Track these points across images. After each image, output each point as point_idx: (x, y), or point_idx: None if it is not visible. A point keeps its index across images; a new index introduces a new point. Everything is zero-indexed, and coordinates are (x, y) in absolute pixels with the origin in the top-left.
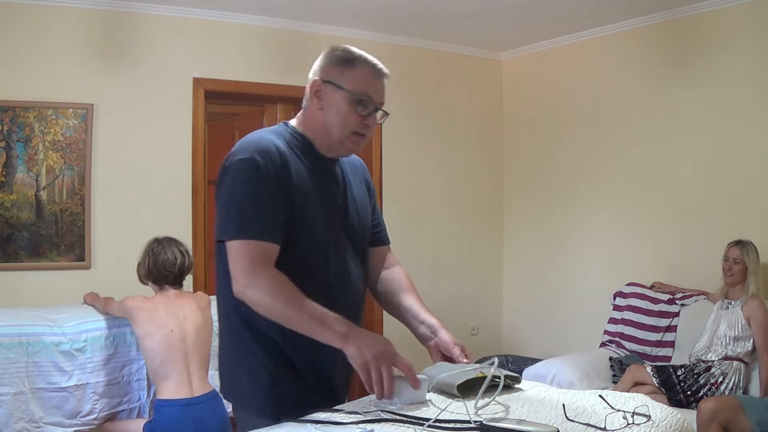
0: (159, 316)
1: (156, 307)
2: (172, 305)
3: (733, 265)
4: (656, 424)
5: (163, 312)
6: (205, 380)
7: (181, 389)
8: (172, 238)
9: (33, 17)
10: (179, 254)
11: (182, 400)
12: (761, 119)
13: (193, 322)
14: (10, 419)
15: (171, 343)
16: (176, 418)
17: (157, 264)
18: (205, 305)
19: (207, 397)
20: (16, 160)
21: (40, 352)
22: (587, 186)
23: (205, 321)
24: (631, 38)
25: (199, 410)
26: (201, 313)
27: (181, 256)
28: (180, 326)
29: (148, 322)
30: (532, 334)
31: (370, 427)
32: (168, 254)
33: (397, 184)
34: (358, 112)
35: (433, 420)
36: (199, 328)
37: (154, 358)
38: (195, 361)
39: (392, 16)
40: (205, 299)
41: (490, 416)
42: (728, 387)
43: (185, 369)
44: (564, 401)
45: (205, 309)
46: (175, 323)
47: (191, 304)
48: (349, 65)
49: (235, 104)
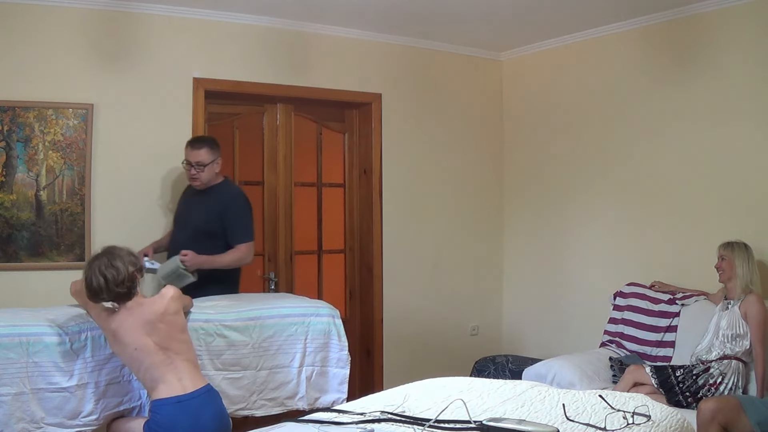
0: (119, 338)
1: (113, 329)
2: (125, 324)
3: (721, 262)
4: (656, 424)
5: (122, 333)
6: (195, 376)
7: (174, 388)
8: (106, 252)
9: (33, 17)
10: (101, 278)
11: (175, 397)
12: (761, 119)
13: (152, 331)
14: (11, 420)
15: (139, 357)
16: (173, 415)
17: (89, 289)
18: (161, 310)
19: (201, 391)
20: (16, 160)
21: (40, 352)
22: (587, 186)
23: (162, 310)
24: (631, 38)
25: (194, 404)
26: (153, 305)
27: (103, 280)
28: (141, 340)
29: (113, 343)
30: (532, 334)
31: (370, 427)
32: (92, 279)
33: (397, 184)
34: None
35: (434, 420)
36: (162, 334)
37: (133, 370)
38: (176, 361)
39: (392, 16)
40: (162, 302)
41: (490, 416)
42: (727, 387)
43: (170, 370)
44: (564, 401)
45: (159, 299)
46: (135, 340)
47: (142, 316)
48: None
49: (235, 104)
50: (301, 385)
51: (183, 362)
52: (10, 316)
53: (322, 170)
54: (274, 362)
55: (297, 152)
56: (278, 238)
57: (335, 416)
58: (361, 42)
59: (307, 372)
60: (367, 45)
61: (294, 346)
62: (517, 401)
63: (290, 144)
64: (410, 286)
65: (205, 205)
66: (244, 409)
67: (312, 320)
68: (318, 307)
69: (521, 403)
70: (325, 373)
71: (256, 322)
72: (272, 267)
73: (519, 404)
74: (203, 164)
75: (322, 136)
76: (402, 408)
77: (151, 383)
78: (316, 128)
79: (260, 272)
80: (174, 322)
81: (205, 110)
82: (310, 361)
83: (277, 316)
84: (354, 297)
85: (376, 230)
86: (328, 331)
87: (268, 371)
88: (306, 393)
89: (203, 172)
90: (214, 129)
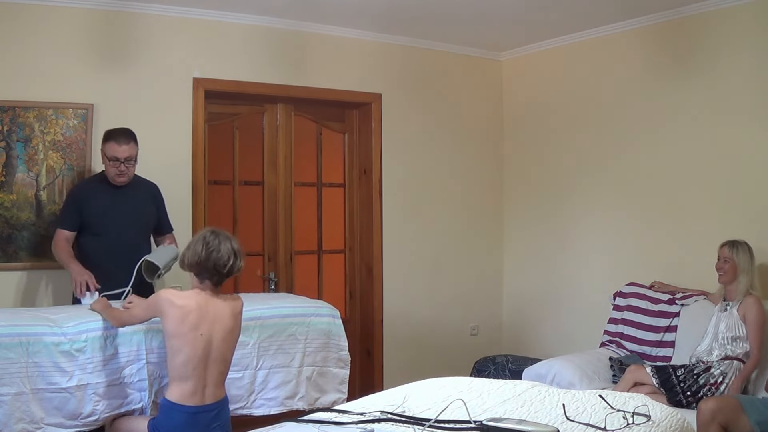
0: (192, 317)
1: (190, 306)
2: (207, 307)
3: (723, 264)
4: (656, 424)
5: (197, 313)
6: (220, 387)
7: (195, 396)
8: (227, 234)
9: (33, 17)
10: (233, 256)
11: (192, 408)
12: (761, 119)
13: (222, 327)
14: (11, 420)
15: (198, 346)
16: (181, 424)
17: (209, 260)
18: (238, 311)
19: (217, 405)
20: (16, 160)
21: (40, 353)
22: (587, 186)
23: (235, 327)
24: (631, 38)
25: (206, 418)
26: (233, 319)
27: (234, 258)
28: (210, 330)
29: (180, 322)
30: (532, 334)
31: (370, 427)
32: (222, 252)
33: (397, 184)
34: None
35: (434, 420)
36: (226, 334)
37: (176, 356)
38: (216, 366)
39: (392, 16)
40: (239, 305)
41: (490, 416)
42: (728, 387)
43: (204, 374)
44: (564, 401)
45: (238, 315)
46: (206, 326)
47: (225, 308)
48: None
49: (235, 104)
50: (301, 385)
51: (220, 368)
52: (10, 316)
53: (322, 170)
54: (274, 362)
55: (297, 152)
56: (278, 238)
57: (335, 416)
58: (361, 42)
59: (307, 372)
60: (367, 45)
61: (294, 346)
62: (517, 401)
63: (290, 144)
64: (410, 286)
65: (136, 199)
66: (243, 408)
67: (312, 320)
68: (318, 307)
69: (521, 403)
70: (325, 373)
71: (256, 322)
72: (272, 267)
73: (519, 404)
74: (133, 159)
75: (322, 136)
76: (402, 408)
77: (180, 377)
78: (316, 128)
79: (260, 272)
80: (238, 328)
81: (205, 110)
82: (310, 361)
83: (277, 316)
84: (354, 297)
85: (376, 230)
86: (328, 331)
87: (268, 371)
88: (306, 393)
89: (132, 167)
90: (214, 129)
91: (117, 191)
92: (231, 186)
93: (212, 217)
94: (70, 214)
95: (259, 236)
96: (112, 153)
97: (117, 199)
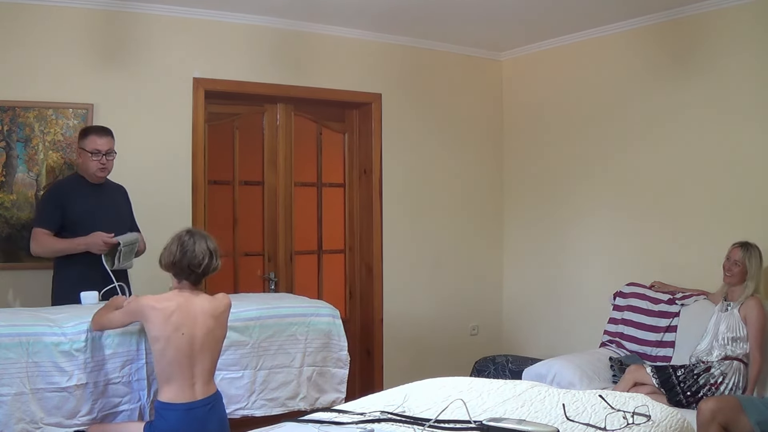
0: (175, 318)
1: (171, 307)
2: (187, 306)
3: (733, 266)
4: (656, 424)
5: (178, 313)
6: (209, 383)
7: (184, 393)
8: (203, 233)
9: (33, 17)
10: (207, 255)
11: (184, 405)
12: (761, 119)
13: (204, 324)
14: (11, 420)
15: (181, 345)
16: (177, 422)
17: (184, 260)
18: (222, 311)
19: (209, 400)
20: (16, 160)
21: (40, 353)
22: (587, 186)
23: (215, 327)
24: (631, 38)
25: (200, 413)
26: (213, 319)
27: (209, 257)
28: (191, 328)
29: (164, 324)
30: (532, 334)
31: (370, 427)
32: (197, 252)
33: (397, 184)
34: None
35: (434, 420)
36: (209, 330)
37: (163, 358)
38: (202, 363)
39: (392, 16)
40: (224, 304)
41: (490, 416)
42: (728, 387)
43: (190, 371)
44: (564, 401)
45: (220, 315)
46: (187, 326)
47: (205, 307)
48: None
49: (235, 104)
50: (302, 386)
51: (207, 364)
52: (10, 316)
53: (322, 170)
54: (274, 362)
55: (297, 152)
56: (278, 238)
57: (335, 416)
58: (361, 42)
59: (307, 372)
60: (367, 45)
61: (294, 346)
62: (517, 401)
63: (290, 144)
64: (410, 286)
65: (111, 198)
66: (244, 409)
67: (312, 320)
68: (318, 307)
69: (521, 403)
70: (325, 373)
71: (256, 322)
72: (272, 267)
73: (519, 404)
74: (112, 152)
75: (322, 136)
76: (402, 408)
77: (167, 379)
78: (316, 128)
79: (260, 272)
80: (225, 324)
81: (205, 110)
82: (311, 361)
83: (277, 316)
84: (354, 297)
85: (376, 230)
86: (328, 331)
87: (268, 371)
88: (307, 393)
89: (112, 161)
90: (214, 129)
91: (97, 191)
92: (231, 186)
93: (212, 217)
94: (50, 213)
95: (259, 236)
96: (93, 146)
97: (98, 199)
